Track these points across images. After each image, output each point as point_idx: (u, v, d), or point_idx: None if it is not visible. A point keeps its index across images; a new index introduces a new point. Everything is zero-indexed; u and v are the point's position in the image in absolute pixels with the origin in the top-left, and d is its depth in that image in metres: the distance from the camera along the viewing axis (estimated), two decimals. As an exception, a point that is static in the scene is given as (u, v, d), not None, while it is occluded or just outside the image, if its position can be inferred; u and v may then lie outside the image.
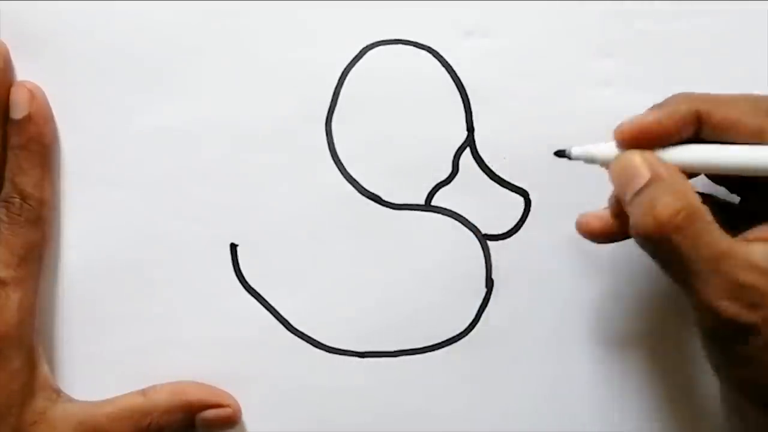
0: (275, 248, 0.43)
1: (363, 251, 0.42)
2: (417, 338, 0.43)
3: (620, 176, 0.37)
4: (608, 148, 0.37)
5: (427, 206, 0.43)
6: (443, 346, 0.43)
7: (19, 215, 0.40)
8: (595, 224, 0.38)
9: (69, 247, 0.42)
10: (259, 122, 0.42)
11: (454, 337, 0.43)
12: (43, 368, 0.41)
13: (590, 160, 0.38)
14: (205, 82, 0.42)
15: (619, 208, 0.37)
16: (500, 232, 0.42)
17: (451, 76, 0.42)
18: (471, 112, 0.42)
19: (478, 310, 0.43)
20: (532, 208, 0.42)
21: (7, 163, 0.41)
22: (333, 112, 0.42)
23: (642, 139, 0.36)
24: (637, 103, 0.39)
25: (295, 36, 0.42)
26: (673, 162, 0.36)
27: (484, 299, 0.43)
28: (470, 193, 0.42)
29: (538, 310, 0.42)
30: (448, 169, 0.43)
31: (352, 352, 0.43)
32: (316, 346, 0.43)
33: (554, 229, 0.42)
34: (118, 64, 0.42)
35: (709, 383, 0.41)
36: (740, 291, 0.33)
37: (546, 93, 0.42)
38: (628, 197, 0.36)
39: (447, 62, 0.42)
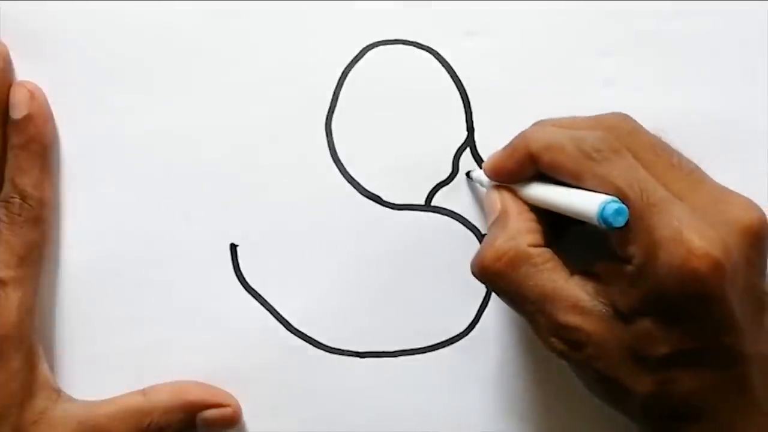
0: (275, 248, 0.43)
1: (363, 251, 0.42)
2: (417, 338, 0.43)
3: (486, 208, 0.41)
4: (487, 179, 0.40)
5: (427, 206, 0.43)
6: (443, 346, 0.43)
7: (19, 215, 0.40)
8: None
9: (69, 247, 0.42)
10: (259, 122, 0.42)
11: (454, 337, 0.43)
12: (43, 368, 0.41)
13: (480, 183, 0.41)
14: (205, 81, 0.42)
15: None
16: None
17: (451, 76, 0.42)
18: (471, 112, 0.42)
19: (478, 310, 0.43)
20: (532, 208, 0.42)
21: (6, 163, 0.41)
22: (333, 112, 0.42)
23: (498, 174, 0.39)
24: (637, 103, 0.39)
25: (295, 36, 0.42)
26: (524, 196, 0.38)
27: (484, 299, 0.43)
28: (470, 193, 0.43)
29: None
30: (448, 169, 0.43)
31: (352, 352, 0.43)
32: (316, 346, 0.43)
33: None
34: (118, 64, 0.42)
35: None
36: (564, 331, 0.36)
37: (546, 93, 0.42)
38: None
39: (447, 62, 0.42)
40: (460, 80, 0.42)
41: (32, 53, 0.42)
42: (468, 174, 0.42)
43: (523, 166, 0.38)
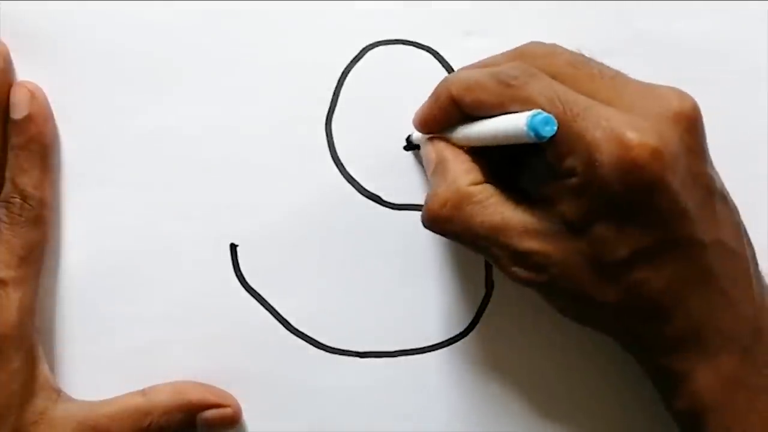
0: (275, 248, 0.43)
1: (363, 251, 0.42)
2: (417, 338, 0.43)
3: (424, 162, 0.41)
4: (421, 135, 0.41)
5: (427, 206, 0.43)
6: (443, 346, 0.43)
7: (20, 215, 0.40)
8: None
9: (69, 247, 0.42)
10: (259, 122, 0.42)
11: (454, 337, 0.43)
12: (43, 368, 0.41)
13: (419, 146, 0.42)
14: (205, 81, 0.42)
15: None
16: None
17: (451, 76, 0.42)
18: (471, 112, 0.42)
19: (478, 310, 0.43)
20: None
21: (7, 163, 0.41)
22: (333, 112, 0.42)
23: (427, 126, 0.40)
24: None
25: (295, 36, 0.42)
26: (455, 140, 0.39)
27: (484, 299, 0.43)
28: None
29: (538, 310, 0.42)
30: (448, 169, 0.43)
31: (352, 352, 0.43)
32: (316, 346, 0.43)
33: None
34: (118, 64, 0.42)
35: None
36: (522, 258, 0.36)
37: (546, 93, 0.42)
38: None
39: (447, 62, 0.42)
40: (460, 80, 0.42)
41: (32, 53, 0.42)
42: (408, 139, 0.42)
43: (447, 112, 0.39)
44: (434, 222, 0.38)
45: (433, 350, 0.43)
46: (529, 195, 0.38)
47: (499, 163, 0.39)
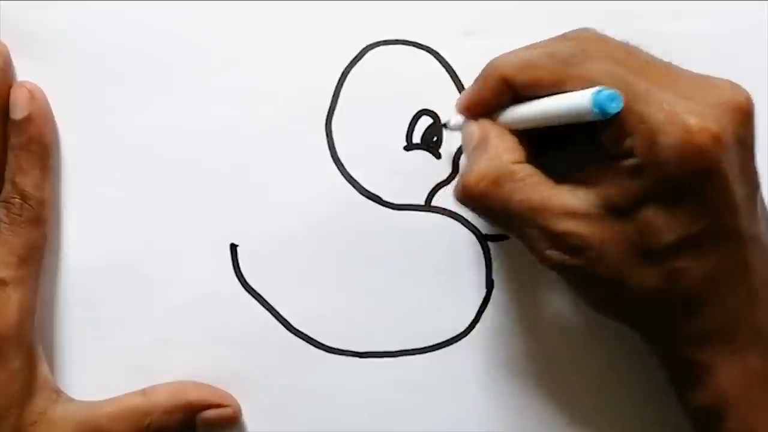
0: (275, 248, 0.43)
1: (363, 251, 0.42)
2: (417, 338, 0.43)
3: (463, 142, 0.40)
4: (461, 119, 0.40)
5: (427, 206, 0.43)
6: (443, 346, 0.43)
7: (20, 215, 0.40)
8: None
9: (69, 247, 0.42)
10: (259, 122, 0.42)
11: (454, 337, 0.43)
12: (43, 368, 0.41)
13: (459, 129, 0.41)
14: (204, 82, 0.42)
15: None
16: (500, 233, 0.42)
17: (451, 76, 0.42)
18: (471, 112, 0.42)
19: (478, 310, 0.43)
20: (532, 208, 0.42)
21: (7, 163, 0.41)
22: (333, 112, 0.42)
23: (473, 109, 0.39)
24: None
25: (295, 36, 0.42)
26: (503, 122, 0.38)
27: (484, 299, 0.43)
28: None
29: (538, 310, 0.42)
30: (448, 169, 0.43)
31: (352, 352, 0.43)
32: (316, 346, 0.43)
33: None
34: (117, 64, 0.42)
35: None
36: (559, 239, 0.36)
37: (546, 93, 0.42)
38: (466, 160, 0.39)
39: (447, 62, 0.42)
40: (460, 80, 0.42)
41: (32, 53, 0.42)
42: (445, 125, 0.42)
43: (497, 94, 0.38)
44: (469, 196, 0.37)
45: (433, 350, 0.43)
46: (568, 178, 0.37)
47: (540, 146, 0.39)
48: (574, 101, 0.35)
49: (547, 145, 0.39)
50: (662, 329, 0.37)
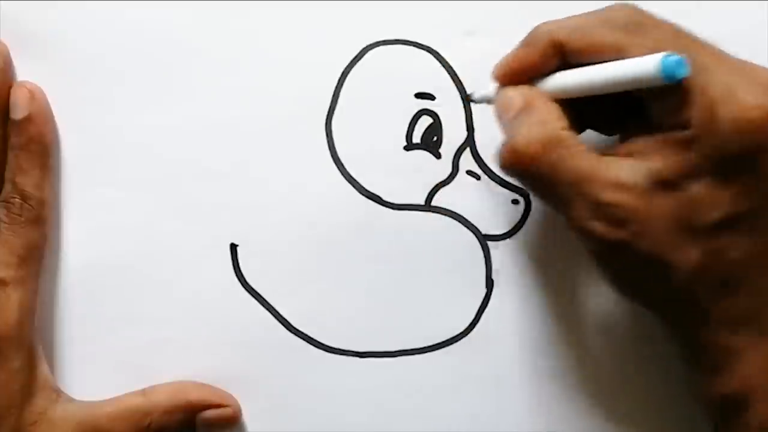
0: (275, 248, 0.43)
1: (363, 251, 0.42)
2: (417, 338, 0.43)
3: (499, 109, 0.38)
4: (495, 88, 0.39)
5: (427, 206, 0.43)
6: (443, 346, 0.43)
7: (20, 215, 0.40)
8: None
9: (69, 247, 0.42)
10: (259, 122, 0.42)
11: (454, 337, 0.43)
12: (43, 368, 0.41)
13: (488, 101, 0.40)
14: (204, 81, 0.42)
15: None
16: (500, 232, 0.42)
17: (451, 76, 0.42)
18: (471, 112, 0.42)
19: (478, 310, 0.43)
20: (532, 209, 0.42)
21: (7, 163, 0.41)
22: (333, 112, 0.42)
23: (514, 75, 0.38)
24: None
25: (295, 36, 0.42)
26: (548, 90, 0.37)
27: (484, 299, 0.43)
28: (470, 193, 0.43)
29: (538, 310, 0.42)
30: (448, 169, 0.43)
31: (352, 352, 0.43)
32: (316, 346, 0.43)
33: (554, 229, 0.42)
34: (117, 64, 0.42)
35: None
36: (605, 210, 0.35)
37: (546, 93, 0.42)
38: (503, 128, 0.38)
39: (447, 62, 0.42)
40: (460, 80, 0.42)
41: (32, 53, 0.42)
42: (469, 97, 0.41)
43: (546, 59, 0.37)
44: (517, 161, 0.36)
45: (433, 350, 0.43)
46: (610, 150, 0.37)
47: (584, 117, 0.38)
48: (639, 66, 0.34)
49: (584, 118, 0.38)
50: (694, 311, 0.36)
